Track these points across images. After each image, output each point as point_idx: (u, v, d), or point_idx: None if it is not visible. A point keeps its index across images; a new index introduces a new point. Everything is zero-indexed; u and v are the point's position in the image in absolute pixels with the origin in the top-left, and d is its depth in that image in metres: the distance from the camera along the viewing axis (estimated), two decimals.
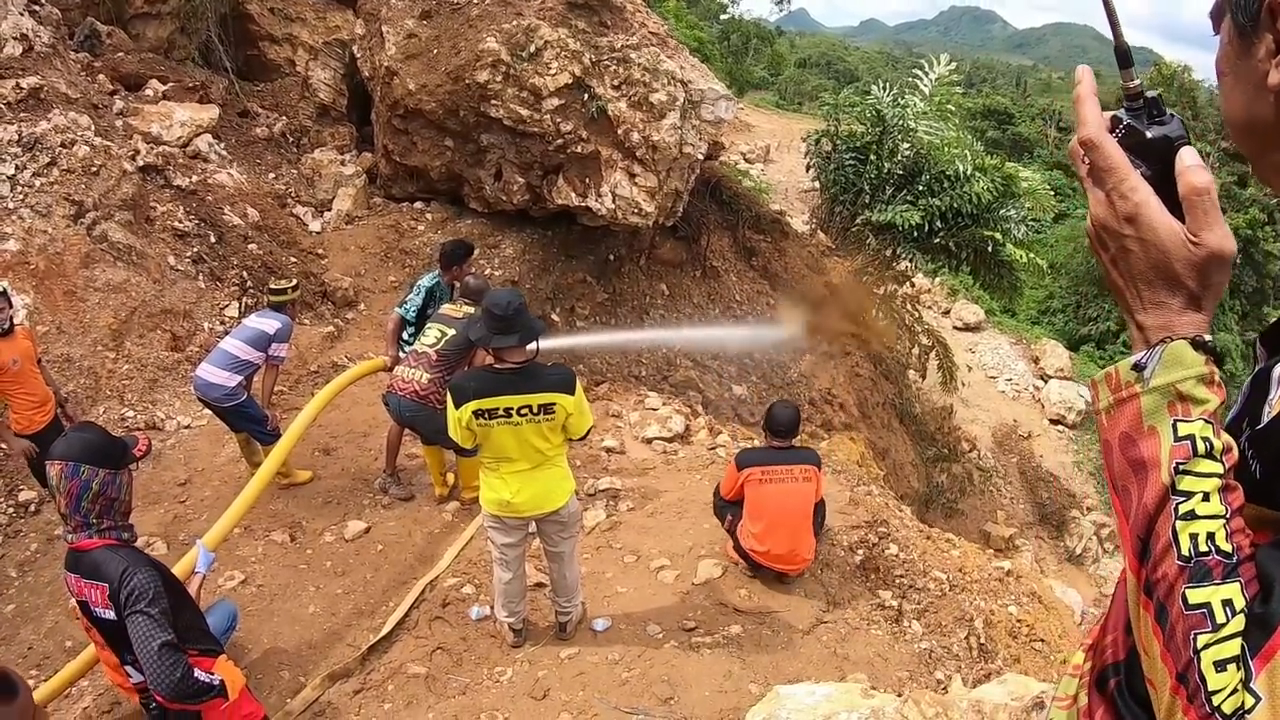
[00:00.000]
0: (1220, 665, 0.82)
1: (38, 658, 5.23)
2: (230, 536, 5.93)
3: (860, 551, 6.65)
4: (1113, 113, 1.00)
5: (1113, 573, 17.76)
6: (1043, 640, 6.42)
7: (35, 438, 5.84)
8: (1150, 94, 0.98)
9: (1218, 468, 0.90)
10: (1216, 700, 0.81)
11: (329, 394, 6.75)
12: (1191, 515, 0.88)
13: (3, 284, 5.90)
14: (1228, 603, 0.85)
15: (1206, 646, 0.83)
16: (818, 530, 5.98)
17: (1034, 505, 18.83)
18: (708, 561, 6.12)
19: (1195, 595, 0.86)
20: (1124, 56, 1.00)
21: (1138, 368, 0.95)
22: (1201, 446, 0.90)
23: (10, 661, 5.20)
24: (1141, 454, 0.93)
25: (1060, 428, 21.39)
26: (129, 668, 3.16)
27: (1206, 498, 0.89)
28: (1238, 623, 0.84)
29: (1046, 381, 22.58)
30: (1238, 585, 0.86)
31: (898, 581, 6.49)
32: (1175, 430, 0.91)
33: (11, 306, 5.85)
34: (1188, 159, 0.94)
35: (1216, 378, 0.93)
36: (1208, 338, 0.94)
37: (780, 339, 11.94)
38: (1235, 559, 0.87)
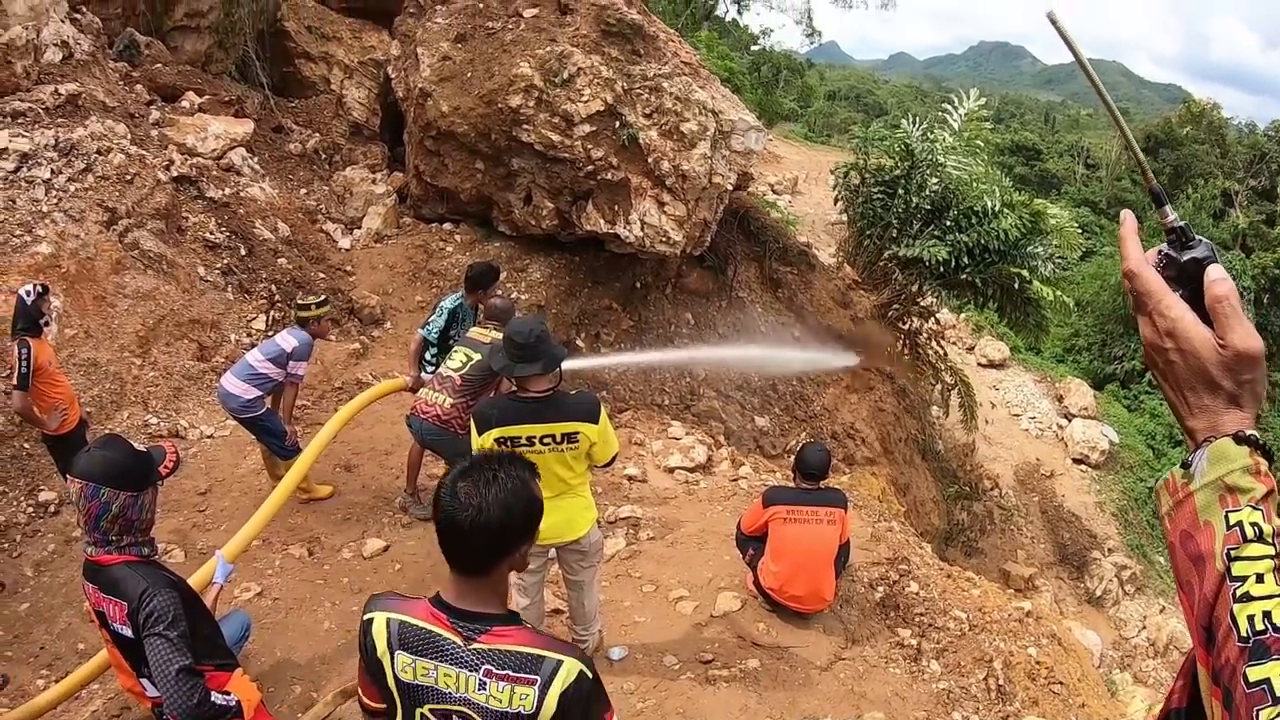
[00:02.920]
0: None
1: (49, 658, 5.26)
2: (249, 548, 5.97)
3: (880, 588, 6.60)
4: (1157, 247, 1.13)
5: (1132, 615, 17.59)
6: (1061, 683, 6.35)
7: (67, 437, 5.88)
8: (1179, 224, 1.11)
9: (1268, 550, 0.95)
10: None
11: (350, 411, 6.78)
12: (1247, 597, 0.93)
13: (43, 284, 5.97)
14: None
15: None
16: (840, 570, 5.94)
17: (1055, 545, 18.66)
18: (727, 594, 6.09)
19: (1255, 673, 0.89)
20: (1157, 197, 1.13)
21: (1185, 467, 1.04)
22: (1250, 531, 0.96)
23: (21, 661, 5.24)
24: (1199, 548, 0.99)
25: (1083, 467, 21.21)
26: (144, 681, 3.16)
27: (1260, 579, 0.94)
28: None
29: (1070, 420, 22.41)
30: None
31: (917, 620, 6.43)
32: (1227, 520, 0.98)
33: (51, 308, 5.93)
34: (1213, 274, 1.06)
35: (1263, 468, 1.00)
36: (1250, 432, 1.01)
37: (841, 364, 11.96)
38: None
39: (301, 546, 6.39)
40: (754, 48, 41.14)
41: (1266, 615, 0.91)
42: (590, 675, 2.09)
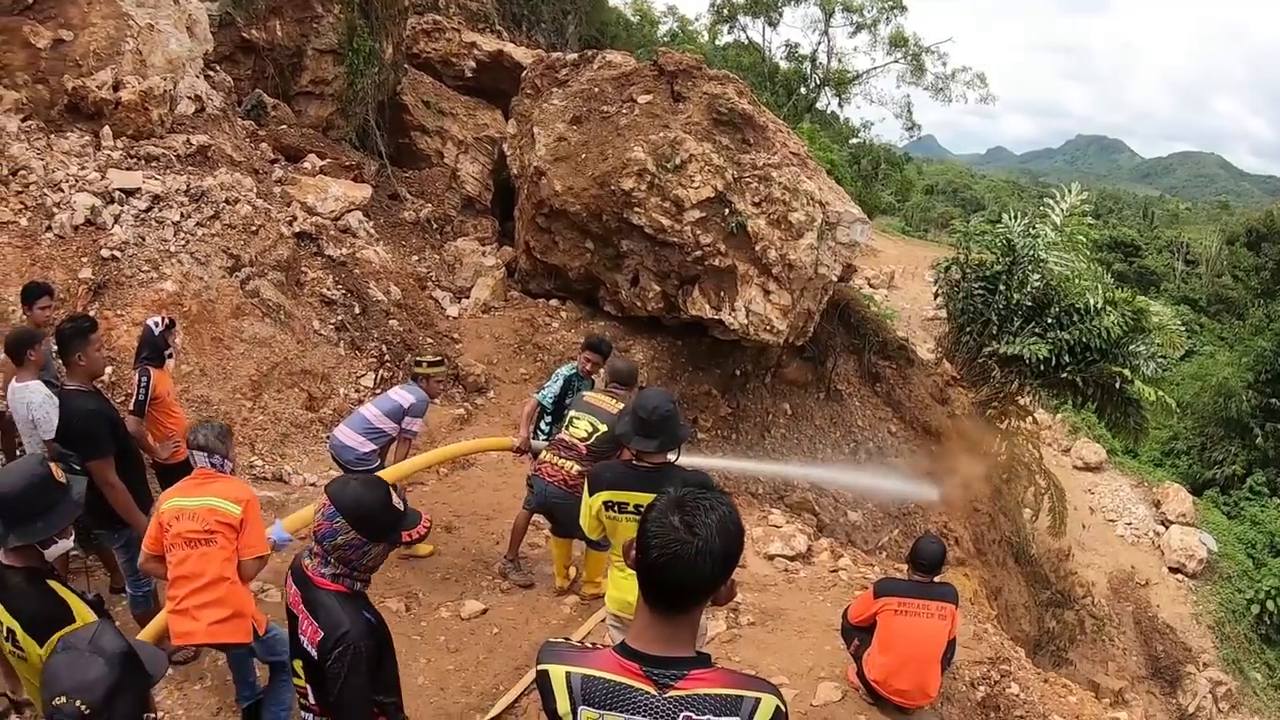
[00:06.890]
0: None
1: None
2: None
3: (982, 688, 6.44)
4: None
5: None
6: None
7: (178, 467, 5.77)
8: None
9: None
10: None
11: (456, 451, 6.99)
12: None
13: (171, 318, 6.16)
14: None
15: None
16: (945, 667, 5.83)
17: (1147, 658, 17.93)
18: (827, 684, 5.94)
19: None
20: None
21: None
22: None
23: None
24: None
25: (1180, 576, 20.41)
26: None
27: None
28: None
29: (1168, 527, 21.63)
30: None
31: None
32: None
33: (175, 342, 6.15)
34: None
35: None
36: None
37: (926, 496, 11.79)
38: None
39: (399, 601, 6.41)
40: (854, 140, 40.95)
41: None
42: (784, 709, 2.02)
